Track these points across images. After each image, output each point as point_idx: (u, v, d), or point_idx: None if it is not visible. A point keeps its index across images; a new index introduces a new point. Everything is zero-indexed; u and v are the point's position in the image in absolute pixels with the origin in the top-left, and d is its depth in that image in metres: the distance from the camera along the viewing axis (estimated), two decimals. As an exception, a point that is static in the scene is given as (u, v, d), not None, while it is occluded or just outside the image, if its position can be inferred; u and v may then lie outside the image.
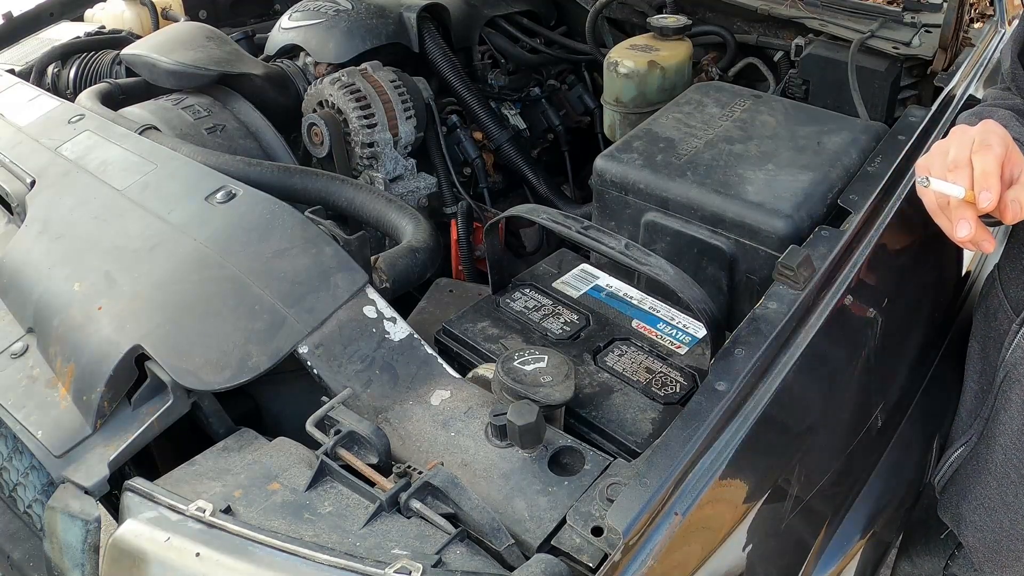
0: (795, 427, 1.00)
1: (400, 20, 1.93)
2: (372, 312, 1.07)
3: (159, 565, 0.81)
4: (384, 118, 1.73)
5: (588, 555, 0.81)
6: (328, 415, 0.94)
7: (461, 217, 1.89)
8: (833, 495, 1.15)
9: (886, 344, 1.18)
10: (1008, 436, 1.15)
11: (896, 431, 1.29)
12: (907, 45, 1.63)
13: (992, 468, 1.19)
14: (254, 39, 2.08)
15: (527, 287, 1.26)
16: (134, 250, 1.15)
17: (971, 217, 0.92)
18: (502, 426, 0.92)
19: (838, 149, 1.33)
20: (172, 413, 0.99)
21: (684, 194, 1.26)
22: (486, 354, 1.14)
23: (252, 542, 0.80)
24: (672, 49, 1.74)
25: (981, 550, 1.27)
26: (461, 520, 0.85)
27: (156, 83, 1.76)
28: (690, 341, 1.16)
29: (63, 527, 0.90)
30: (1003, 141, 0.92)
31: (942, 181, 0.92)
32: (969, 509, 1.25)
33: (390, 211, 1.33)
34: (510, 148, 1.98)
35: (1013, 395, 1.13)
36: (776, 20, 1.82)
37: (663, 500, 0.79)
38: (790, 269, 1.00)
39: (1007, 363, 1.13)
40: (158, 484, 0.89)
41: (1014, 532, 1.19)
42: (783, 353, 0.96)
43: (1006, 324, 1.16)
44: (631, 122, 1.72)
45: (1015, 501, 1.17)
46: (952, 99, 1.39)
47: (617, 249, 1.04)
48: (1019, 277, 1.16)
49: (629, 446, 0.99)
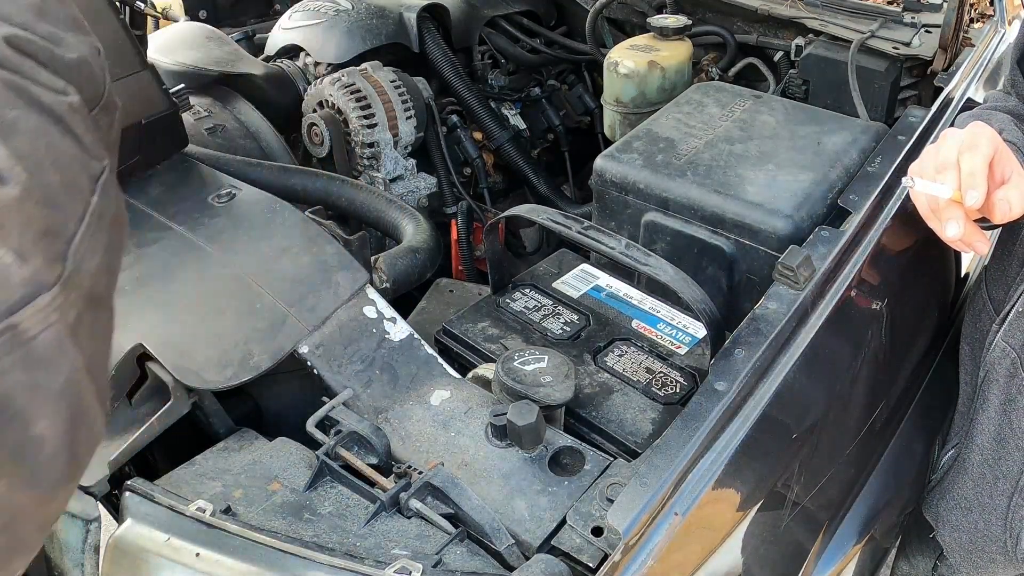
0: (794, 428, 1.00)
1: (400, 20, 1.93)
2: (372, 312, 1.07)
3: (159, 565, 0.81)
4: (384, 118, 1.73)
5: (588, 555, 0.81)
6: (328, 415, 0.94)
7: (461, 217, 1.89)
8: (832, 497, 1.15)
9: (886, 345, 1.18)
10: (985, 436, 1.15)
11: (895, 433, 1.29)
12: (907, 45, 1.63)
13: (969, 468, 1.19)
14: (254, 39, 2.08)
15: (527, 287, 1.26)
16: (135, 250, 1.15)
17: (960, 217, 0.92)
18: (502, 426, 0.92)
19: (838, 149, 1.33)
20: (172, 413, 0.99)
21: (684, 194, 1.26)
22: (486, 354, 1.13)
23: (252, 542, 0.80)
24: (672, 49, 1.74)
25: (957, 550, 1.27)
26: (461, 520, 0.85)
27: (156, 83, 1.76)
28: (690, 341, 1.16)
29: (63, 527, 0.90)
30: (991, 141, 0.93)
31: (928, 182, 0.93)
32: (947, 509, 1.25)
33: (390, 211, 1.34)
34: (510, 148, 1.98)
35: (991, 395, 1.13)
36: (776, 20, 1.82)
37: (663, 500, 0.79)
38: (790, 269, 1.00)
39: (987, 362, 1.13)
40: (158, 484, 0.89)
41: (988, 533, 1.19)
42: (783, 353, 0.96)
43: (988, 324, 1.16)
44: (631, 122, 1.72)
45: (990, 501, 1.17)
46: (952, 99, 1.39)
47: (617, 249, 1.04)
48: (1002, 278, 1.16)
49: (629, 446, 0.99)
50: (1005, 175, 0.93)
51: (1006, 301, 1.12)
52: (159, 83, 1.43)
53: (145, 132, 1.29)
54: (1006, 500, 1.16)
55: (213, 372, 0.98)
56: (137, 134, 1.27)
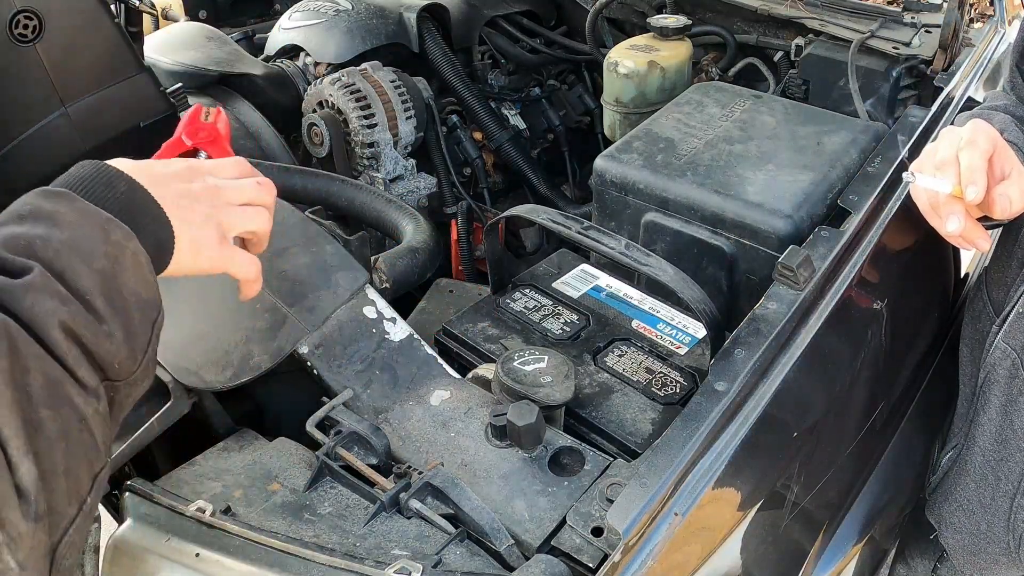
0: (794, 428, 1.00)
1: (400, 20, 1.92)
2: (372, 312, 1.07)
3: (159, 565, 0.81)
4: (384, 118, 1.73)
5: (588, 555, 0.81)
6: (328, 415, 0.94)
7: (461, 217, 1.89)
8: (832, 497, 1.15)
9: (886, 345, 1.18)
10: (986, 437, 1.15)
11: (895, 434, 1.29)
12: (907, 45, 1.63)
13: (971, 469, 1.19)
14: (254, 39, 2.08)
15: (527, 287, 1.26)
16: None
17: (960, 212, 0.93)
18: (502, 426, 0.92)
19: (838, 149, 1.33)
20: (172, 413, 0.99)
21: (684, 194, 1.26)
22: (486, 354, 1.13)
23: (252, 542, 0.80)
24: (672, 49, 1.74)
25: (961, 552, 1.27)
26: (461, 520, 0.85)
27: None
28: (690, 341, 1.16)
29: (63, 527, 0.90)
30: (990, 138, 0.93)
31: (928, 177, 0.93)
32: (949, 511, 1.25)
33: (390, 211, 1.33)
34: (510, 148, 1.98)
35: (992, 396, 1.13)
36: (776, 20, 1.82)
37: (663, 500, 0.79)
38: (790, 269, 1.00)
39: (987, 364, 1.14)
40: (158, 484, 0.89)
41: (991, 534, 1.19)
42: (783, 353, 0.96)
43: (988, 326, 1.16)
44: (631, 122, 1.72)
45: (992, 503, 1.17)
46: (952, 99, 1.39)
47: (617, 249, 1.04)
48: (1001, 279, 1.16)
49: (629, 446, 0.99)
50: (1005, 171, 0.94)
51: (1006, 302, 1.12)
52: (156, 85, 1.43)
53: (143, 135, 1.29)
54: (1008, 501, 1.16)
55: (213, 372, 0.98)
56: (135, 137, 1.27)
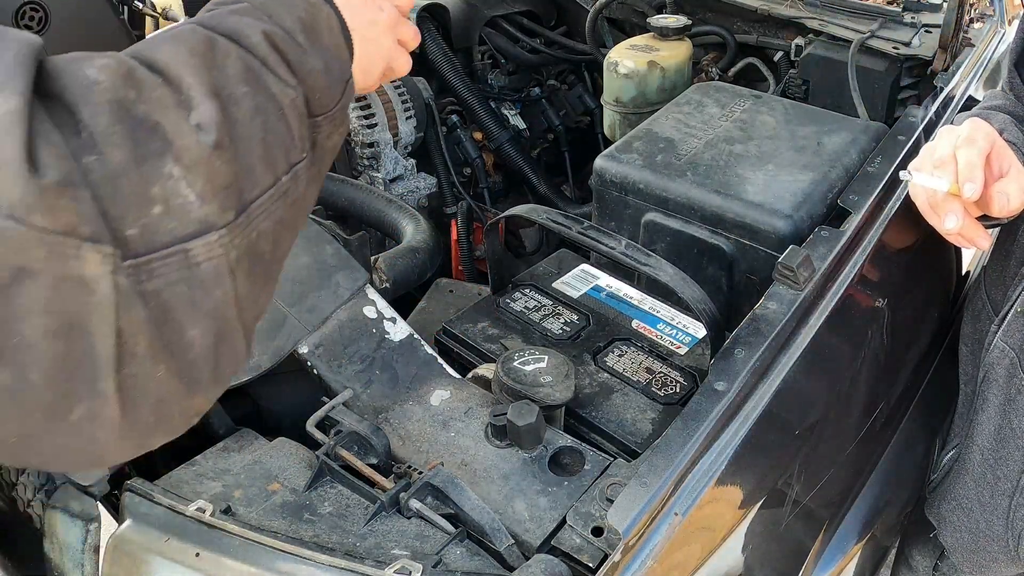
0: (795, 427, 1.00)
1: (400, 20, 1.92)
2: (372, 312, 1.07)
3: (159, 565, 0.81)
4: (384, 118, 1.73)
5: (588, 555, 0.81)
6: (328, 415, 0.94)
7: (461, 217, 1.89)
8: (832, 496, 1.15)
9: (886, 345, 1.18)
10: (985, 436, 1.16)
11: (895, 433, 1.29)
12: (907, 45, 1.63)
13: (970, 469, 1.19)
14: (254, 39, 2.07)
15: (527, 287, 1.26)
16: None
17: (958, 210, 0.93)
18: (502, 426, 0.92)
19: (838, 149, 1.33)
20: (172, 413, 0.98)
21: (684, 194, 1.26)
22: (486, 354, 1.13)
23: (252, 542, 0.80)
24: (672, 49, 1.74)
25: (960, 550, 1.27)
26: (461, 520, 0.85)
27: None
28: (690, 341, 1.16)
29: (63, 527, 0.90)
30: (988, 136, 0.94)
31: (926, 175, 0.93)
32: (948, 509, 1.25)
33: (390, 211, 1.34)
34: (510, 148, 1.98)
35: (991, 395, 1.14)
36: (776, 20, 1.82)
37: (663, 500, 0.79)
38: (790, 269, 1.00)
39: (986, 363, 1.14)
40: (158, 484, 0.89)
41: (990, 533, 1.19)
42: (783, 353, 0.96)
43: (987, 325, 1.16)
44: (631, 122, 1.72)
45: (991, 501, 1.17)
46: (952, 99, 1.39)
47: (617, 249, 1.04)
48: (1000, 278, 1.16)
49: (629, 446, 0.99)
50: (1003, 169, 0.94)
51: (1004, 301, 1.12)
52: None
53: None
54: (1007, 500, 1.16)
55: (213, 372, 0.98)
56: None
